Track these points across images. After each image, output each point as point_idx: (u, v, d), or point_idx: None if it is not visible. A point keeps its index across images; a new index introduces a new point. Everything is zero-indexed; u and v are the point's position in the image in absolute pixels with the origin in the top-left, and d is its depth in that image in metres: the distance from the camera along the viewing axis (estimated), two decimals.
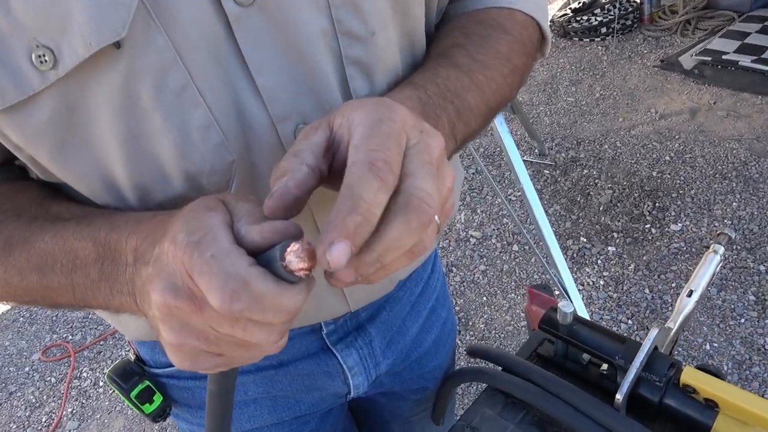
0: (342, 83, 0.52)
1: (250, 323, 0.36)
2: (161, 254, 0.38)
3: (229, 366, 0.42)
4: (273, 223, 0.37)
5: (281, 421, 0.78)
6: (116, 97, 0.44)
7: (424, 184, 0.37)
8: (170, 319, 0.38)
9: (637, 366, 0.68)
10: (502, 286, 2.36)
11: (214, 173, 0.49)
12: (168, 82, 0.44)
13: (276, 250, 0.36)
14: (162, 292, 0.37)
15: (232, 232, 0.37)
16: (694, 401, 0.67)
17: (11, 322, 2.61)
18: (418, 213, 0.36)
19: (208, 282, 0.34)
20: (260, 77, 0.47)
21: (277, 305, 0.35)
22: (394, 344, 0.81)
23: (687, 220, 2.47)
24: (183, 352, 0.39)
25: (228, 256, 0.35)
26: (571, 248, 2.44)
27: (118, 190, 0.50)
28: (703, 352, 2.01)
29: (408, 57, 0.58)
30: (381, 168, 0.35)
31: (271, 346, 0.38)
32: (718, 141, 2.83)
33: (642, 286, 2.25)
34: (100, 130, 0.46)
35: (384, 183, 0.35)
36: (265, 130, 0.50)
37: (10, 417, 2.22)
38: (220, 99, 0.47)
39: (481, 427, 0.74)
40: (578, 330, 0.75)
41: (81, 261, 0.46)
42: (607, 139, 2.98)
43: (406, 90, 0.50)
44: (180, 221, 0.38)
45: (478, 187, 2.85)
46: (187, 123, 0.46)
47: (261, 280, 0.34)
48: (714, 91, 3.15)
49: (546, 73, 3.60)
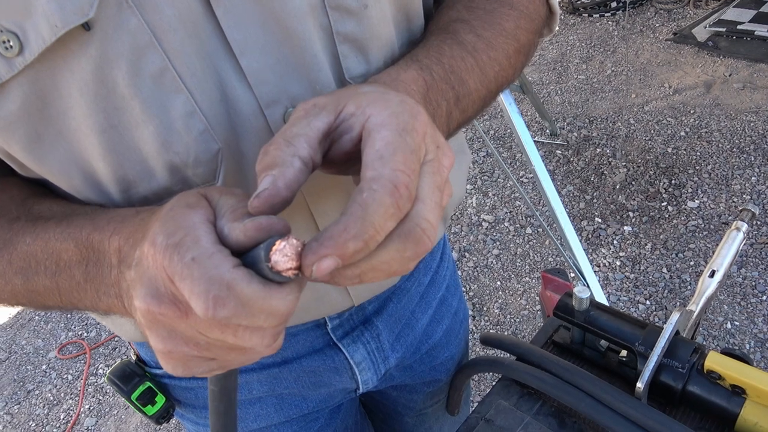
0: (334, 62, 0.48)
1: (241, 328, 0.34)
2: (141, 258, 0.35)
3: (224, 369, 0.39)
4: (257, 219, 0.34)
5: (289, 419, 0.76)
6: (90, 84, 0.41)
7: (430, 214, 0.35)
8: (156, 326, 0.36)
9: (659, 352, 0.65)
10: (516, 270, 2.33)
11: (199, 163, 0.47)
12: (144, 67, 0.41)
13: (260, 249, 0.33)
14: (144, 298, 0.34)
15: (215, 230, 0.34)
16: (719, 388, 0.64)
17: (27, 321, 2.63)
18: (416, 244, 0.35)
19: (190, 288, 0.32)
20: (244, 58, 0.44)
21: (266, 309, 0.32)
22: (403, 337, 0.78)
23: (704, 196, 2.41)
24: (173, 358, 0.37)
25: (210, 258, 0.32)
26: (585, 229, 2.40)
27: (100, 185, 0.48)
28: (725, 331, 1.96)
29: (404, 32, 0.54)
30: (402, 195, 0.33)
31: (265, 349, 0.36)
32: (734, 114, 2.75)
33: (659, 265, 2.20)
34: (75, 120, 0.43)
35: (398, 211, 0.34)
36: (253, 116, 0.47)
37: (29, 415, 2.23)
38: (202, 83, 0.44)
39: (496, 419, 0.71)
40: (595, 316, 0.72)
41: (65, 263, 0.44)
42: (620, 117, 2.91)
43: (412, 69, 0.47)
44: (159, 221, 0.35)
45: (489, 170, 2.81)
46: (168, 110, 0.44)
47: (246, 283, 0.32)
48: (729, 62, 3.07)
49: (555, 51, 3.53)
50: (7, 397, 2.32)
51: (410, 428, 0.99)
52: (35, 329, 2.58)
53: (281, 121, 0.48)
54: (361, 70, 0.50)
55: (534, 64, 3.44)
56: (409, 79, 0.46)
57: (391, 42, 0.52)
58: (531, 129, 2.97)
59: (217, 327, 0.33)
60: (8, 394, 2.33)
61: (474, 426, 0.71)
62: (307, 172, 0.36)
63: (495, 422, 0.71)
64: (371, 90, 0.39)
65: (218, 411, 0.46)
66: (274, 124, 0.48)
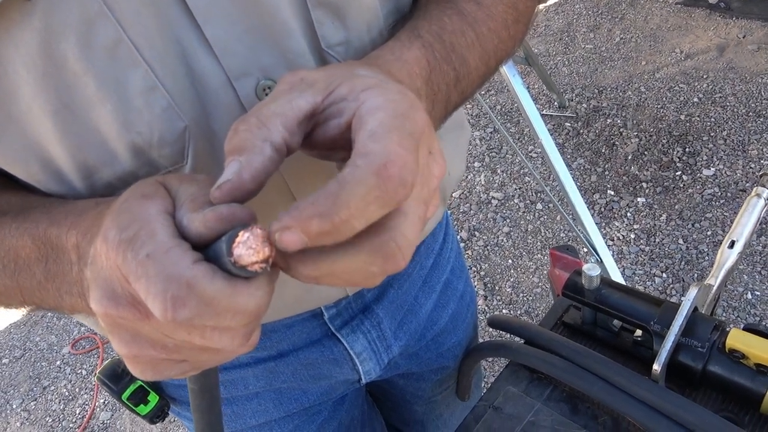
0: (307, 29, 0.44)
1: (208, 329, 0.30)
2: (96, 256, 0.32)
3: (199, 370, 0.36)
4: (217, 209, 0.30)
5: (289, 413, 0.73)
6: (37, 60, 0.38)
7: (410, 230, 0.31)
8: (117, 329, 0.33)
9: (676, 331, 0.61)
10: (527, 248, 2.28)
11: (164, 143, 0.43)
12: (96, 39, 0.38)
13: (222, 242, 0.29)
14: (100, 301, 0.31)
15: (173, 222, 0.31)
16: (743, 367, 0.59)
17: (40, 318, 2.63)
18: (386, 260, 0.30)
19: (146, 288, 0.29)
20: (209, 27, 0.40)
21: (233, 308, 0.29)
22: (406, 324, 0.75)
23: (720, 163, 2.34)
24: (141, 363, 0.34)
25: (167, 253, 0.29)
26: (598, 202, 2.34)
27: (59, 172, 0.44)
28: (745, 301, 1.91)
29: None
30: (392, 176, 0.28)
31: (238, 348, 0.33)
32: (749, 77, 2.66)
33: (675, 236, 2.15)
34: (25, 101, 0.39)
35: (385, 195, 0.28)
36: (222, 90, 0.43)
37: (46, 411, 2.24)
38: (162, 56, 0.40)
39: (504, 406, 0.68)
40: (606, 294, 0.68)
41: (23, 261, 0.41)
42: (630, 85, 2.83)
43: (415, 48, 0.43)
44: (111, 214, 0.32)
45: (497, 146, 2.74)
46: (126, 86, 0.40)
47: (209, 280, 0.29)
48: (742, 24, 2.96)
49: (562, 21, 3.43)
50: (23, 394, 2.33)
51: (420, 416, 0.96)
52: (48, 326, 2.58)
53: (253, 94, 0.44)
54: (339, 38, 0.46)
55: (540, 35, 3.35)
56: (412, 59, 0.42)
57: (373, 6, 0.47)
58: (538, 102, 2.90)
59: (181, 328, 0.30)
60: (24, 390, 2.34)
61: (482, 415, 0.67)
62: (279, 160, 0.32)
63: (504, 410, 0.67)
64: (369, 75, 0.35)
65: (200, 409, 0.44)
66: (245, 98, 0.44)
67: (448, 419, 0.97)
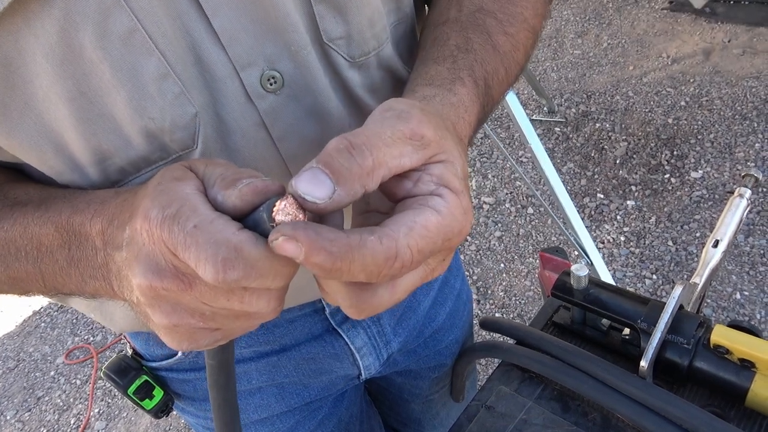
0: (309, 22, 0.46)
1: (247, 293, 0.34)
2: (134, 235, 0.34)
3: (228, 339, 0.39)
4: (252, 182, 0.33)
5: (291, 408, 0.74)
6: (56, 48, 0.39)
7: (384, 304, 0.36)
8: (159, 301, 0.35)
9: (662, 329, 0.62)
10: (519, 251, 2.30)
11: (176, 128, 0.45)
12: (112, 28, 0.39)
13: (262, 211, 0.33)
14: (144, 275, 0.34)
15: (208, 199, 0.34)
16: (727, 362, 0.61)
17: (33, 328, 2.62)
18: (355, 307, 0.35)
19: (196, 254, 0.31)
20: (216, 18, 0.43)
21: (275, 269, 0.32)
22: (405, 321, 0.77)
23: (708, 166, 2.37)
24: (178, 333, 0.37)
25: (212, 223, 0.32)
26: (588, 206, 2.37)
27: (73, 157, 0.45)
28: (734, 301, 1.93)
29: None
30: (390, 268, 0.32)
31: (270, 313, 0.36)
32: (735, 80, 2.70)
33: (665, 238, 2.17)
34: (43, 88, 0.41)
35: (374, 276, 0.32)
36: (228, 78, 0.45)
37: (40, 422, 2.23)
38: (174, 45, 0.42)
39: (497, 405, 0.69)
40: (595, 294, 0.69)
41: (46, 248, 0.43)
42: (618, 90, 2.87)
43: (469, 87, 0.47)
44: (148, 197, 0.34)
45: (488, 151, 2.77)
46: (140, 73, 0.42)
47: (253, 244, 0.32)
48: (727, 28, 3.01)
49: (550, 27, 3.47)
50: (17, 405, 2.32)
51: (417, 415, 0.97)
52: (42, 336, 2.57)
53: (258, 83, 0.46)
54: (339, 32, 0.48)
55: None
56: (468, 102, 0.46)
57: (374, 2, 0.49)
58: (528, 107, 2.93)
59: (224, 294, 0.33)
60: (18, 401, 2.33)
61: (474, 414, 0.69)
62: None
63: (496, 409, 0.68)
64: (449, 139, 0.37)
65: (218, 384, 0.46)
66: (250, 87, 0.46)
67: (445, 418, 0.99)
